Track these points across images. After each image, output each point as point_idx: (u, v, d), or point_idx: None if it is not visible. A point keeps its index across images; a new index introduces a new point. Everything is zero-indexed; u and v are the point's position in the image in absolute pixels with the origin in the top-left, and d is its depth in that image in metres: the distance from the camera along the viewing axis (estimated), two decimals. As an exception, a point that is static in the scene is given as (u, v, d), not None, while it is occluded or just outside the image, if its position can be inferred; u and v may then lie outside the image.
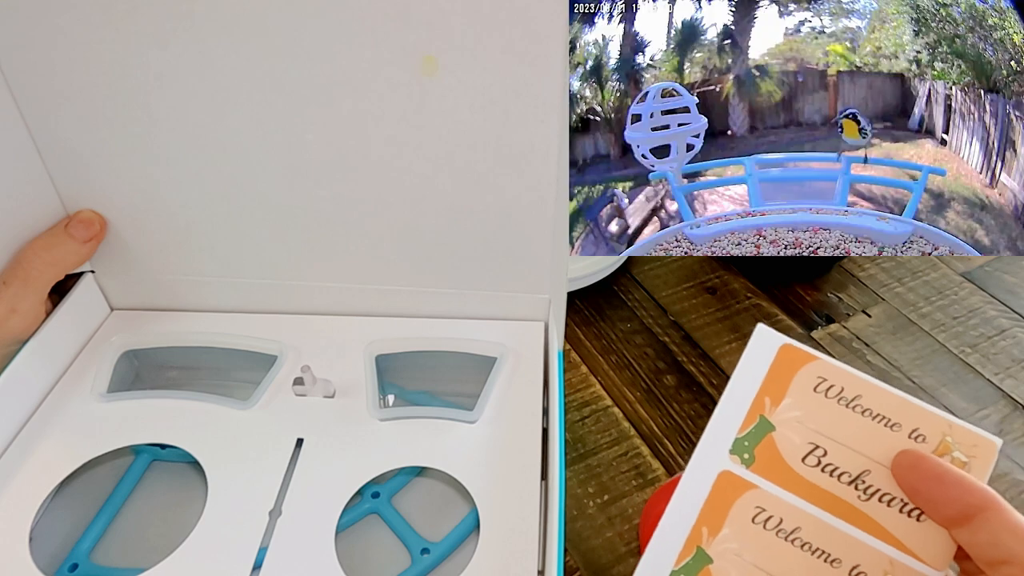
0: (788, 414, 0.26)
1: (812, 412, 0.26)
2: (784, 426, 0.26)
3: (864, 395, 0.26)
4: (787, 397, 0.27)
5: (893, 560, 0.25)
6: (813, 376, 0.27)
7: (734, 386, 0.27)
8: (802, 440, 0.26)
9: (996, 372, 0.52)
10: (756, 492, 0.26)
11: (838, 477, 0.25)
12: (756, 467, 0.26)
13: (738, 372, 0.27)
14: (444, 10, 0.30)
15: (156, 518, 0.34)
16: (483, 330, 0.40)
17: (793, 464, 0.26)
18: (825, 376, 0.27)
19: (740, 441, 0.26)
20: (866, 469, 0.25)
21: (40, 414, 0.35)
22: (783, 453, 0.26)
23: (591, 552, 0.41)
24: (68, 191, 0.37)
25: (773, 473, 0.26)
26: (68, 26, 0.31)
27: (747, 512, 0.25)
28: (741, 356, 0.27)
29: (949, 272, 0.61)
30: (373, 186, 0.36)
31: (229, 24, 0.31)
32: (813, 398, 0.26)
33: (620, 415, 0.49)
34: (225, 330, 0.40)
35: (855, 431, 0.26)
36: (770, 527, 0.25)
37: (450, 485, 0.35)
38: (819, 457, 0.26)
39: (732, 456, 0.26)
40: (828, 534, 0.25)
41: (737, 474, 0.26)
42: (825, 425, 0.26)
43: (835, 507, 0.25)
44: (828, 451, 0.26)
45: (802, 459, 0.26)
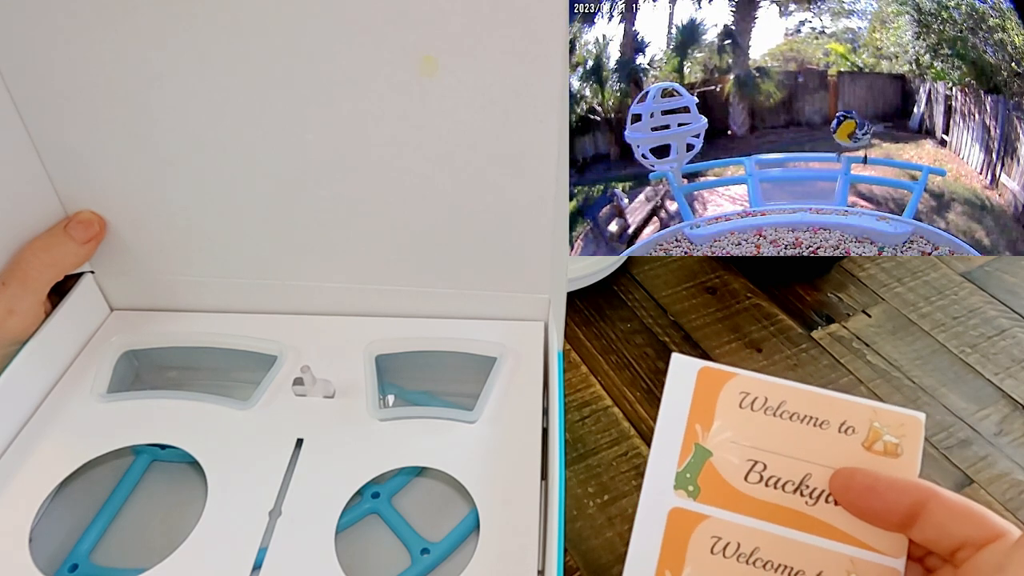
0: (721, 436, 0.27)
1: (743, 429, 0.26)
2: (720, 449, 0.26)
3: (788, 400, 0.26)
4: (716, 420, 0.27)
5: (853, 558, 0.25)
6: (736, 392, 0.27)
7: (664, 420, 0.27)
8: (740, 459, 0.26)
9: (996, 372, 0.52)
10: (709, 522, 0.26)
11: (782, 488, 0.26)
12: (703, 497, 0.26)
13: (664, 405, 0.27)
14: (444, 10, 0.30)
15: (156, 518, 0.34)
16: (483, 330, 0.40)
17: (737, 485, 0.26)
18: (747, 390, 0.27)
19: (682, 474, 0.26)
20: (807, 473, 0.26)
21: (40, 415, 0.35)
22: (725, 476, 0.26)
23: (591, 552, 0.41)
24: (67, 191, 0.37)
25: (720, 499, 0.26)
26: (67, 26, 0.31)
27: (704, 544, 0.25)
28: (663, 391, 0.27)
29: (949, 272, 0.61)
30: (373, 186, 0.36)
31: (229, 24, 0.31)
32: (740, 414, 0.27)
33: (620, 415, 0.49)
34: (225, 330, 0.40)
35: (788, 438, 0.26)
36: (729, 554, 0.25)
37: (450, 485, 0.35)
38: (760, 472, 0.26)
39: (677, 491, 0.26)
40: (786, 547, 0.25)
41: (686, 508, 0.26)
42: (758, 439, 0.26)
43: (786, 518, 0.25)
44: (767, 464, 0.26)
45: (744, 478, 0.26)
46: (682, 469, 0.26)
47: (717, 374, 0.27)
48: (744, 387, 0.27)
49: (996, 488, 0.45)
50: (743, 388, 0.27)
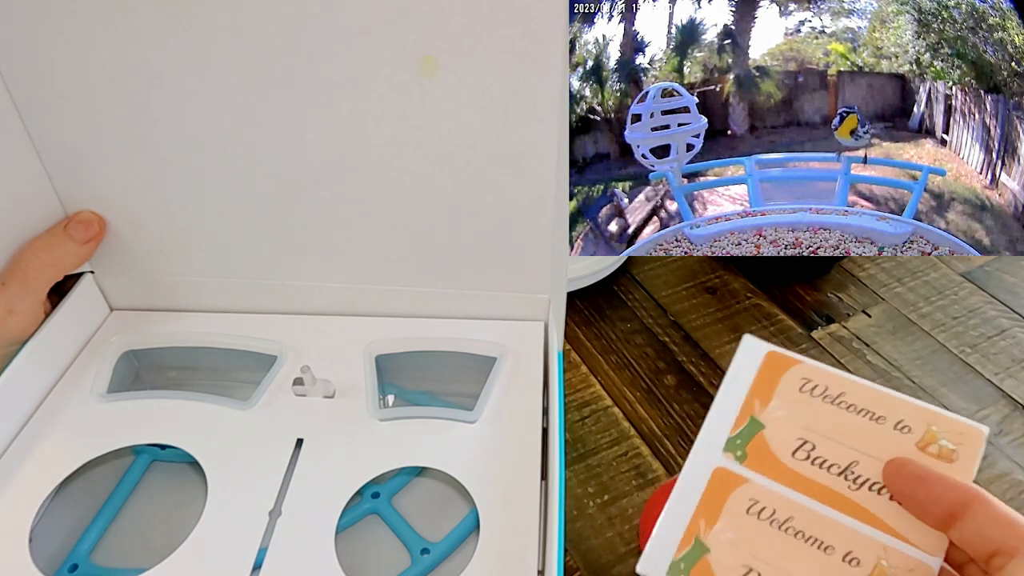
0: (776, 413, 0.28)
1: (799, 410, 0.28)
2: (773, 424, 0.27)
3: (848, 392, 0.27)
4: (775, 398, 0.28)
5: (886, 546, 0.25)
6: (798, 378, 0.28)
7: (724, 391, 0.29)
8: (791, 436, 0.27)
9: (996, 372, 0.52)
10: (749, 486, 0.27)
11: (827, 469, 0.26)
12: (749, 463, 0.27)
13: (727, 378, 0.29)
14: (444, 10, 0.30)
15: (156, 518, 0.34)
16: (483, 330, 0.40)
17: (783, 458, 0.27)
18: (809, 377, 0.28)
19: (732, 440, 0.28)
20: (854, 460, 0.26)
21: (40, 415, 0.35)
22: (773, 449, 0.27)
23: (591, 552, 0.41)
24: (67, 192, 0.37)
25: (765, 467, 0.27)
26: (67, 26, 0.31)
27: (741, 504, 0.26)
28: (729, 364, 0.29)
29: (949, 272, 0.61)
30: (373, 186, 0.36)
31: (229, 24, 0.31)
32: (799, 397, 0.28)
33: (620, 415, 0.49)
34: (225, 330, 0.40)
35: (841, 426, 0.27)
36: (764, 517, 0.26)
37: (450, 485, 0.35)
38: (808, 451, 0.27)
39: (726, 454, 0.27)
40: (820, 522, 0.26)
41: (731, 470, 0.27)
42: (812, 422, 0.27)
43: (826, 497, 0.26)
44: (816, 445, 0.27)
45: (792, 453, 0.27)
46: (734, 435, 0.28)
47: (783, 359, 0.28)
48: (807, 374, 0.28)
49: (996, 488, 0.45)
50: (806, 375, 0.28)
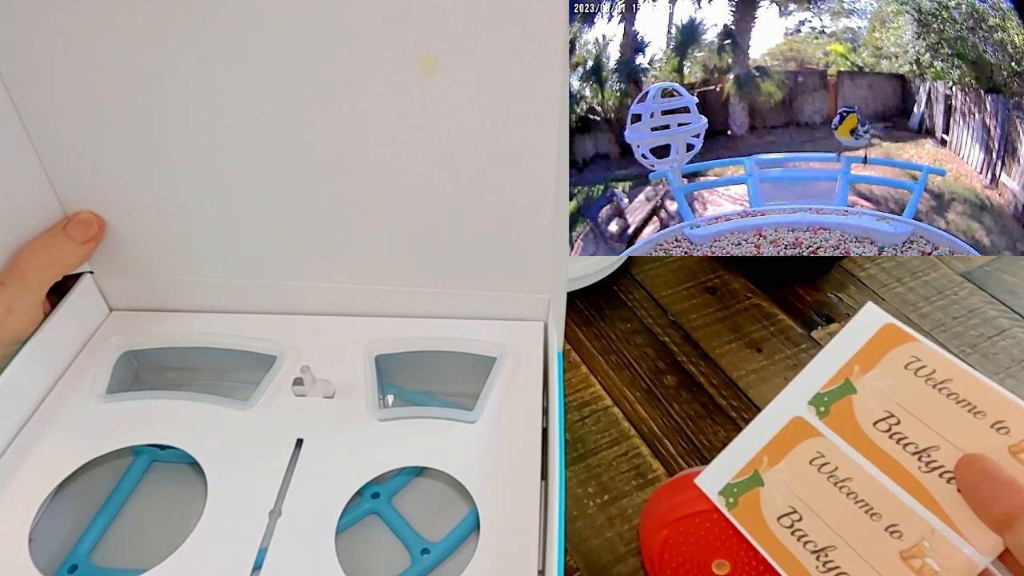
0: (873, 382, 0.28)
1: (897, 385, 0.27)
2: (866, 392, 0.28)
3: (955, 380, 0.27)
4: (876, 368, 0.28)
5: (935, 530, 0.25)
6: (908, 355, 0.28)
7: (828, 350, 0.29)
8: (878, 406, 0.27)
9: (996, 372, 0.52)
10: (820, 440, 0.28)
11: (904, 446, 0.26)
12: (828, 420, 0.28)
13: (836, 338, 0.29)
14: (444, 10, 0.30)
15: (156, 519, 0.34)
16: (483, 330, 0.40)
17: (864, 425, 0.27)
18: (919, 356, 0.28)
19: (820, 395, 0.28)
20: (934, 445, 0.26)
21: (39, 415, 0.35)
22: (857, 414, 0.28)
23: (591, 552, 0.41)
24: (66, 192, 0.37)
25: (842, 428, 0.27)
26: (66, 26, 0.31)
27: (807, 454, 0.27)
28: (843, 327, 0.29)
29: (949, 272, 0.61)
30: (373, 186, 0.36)
31: (229, 24, 0.31)
32: (902, 374, 0.28)
33: (620, 415, 0.49)
34: (224, 330, 0.40)
35: (935, 410, 0.27)
36: (824, 471, 0.27)
37: (450, 485, 0.35)
38: (891, 424, 0.27)
39: (809, 407, 0.28)
40: (877, 491, 0.26)
41: (808, 421, 0.28)
42: (906, 398, 0.27)
43: (892, 470, 0.26)
44: (901, 421, 0.27)
45: (874, 423, 0.27)
46: (823, 392, 0.28)
47: (900, 333, 0.28)
48: (919, 353, 0.28)
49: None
50: (917, 354, 0.28)
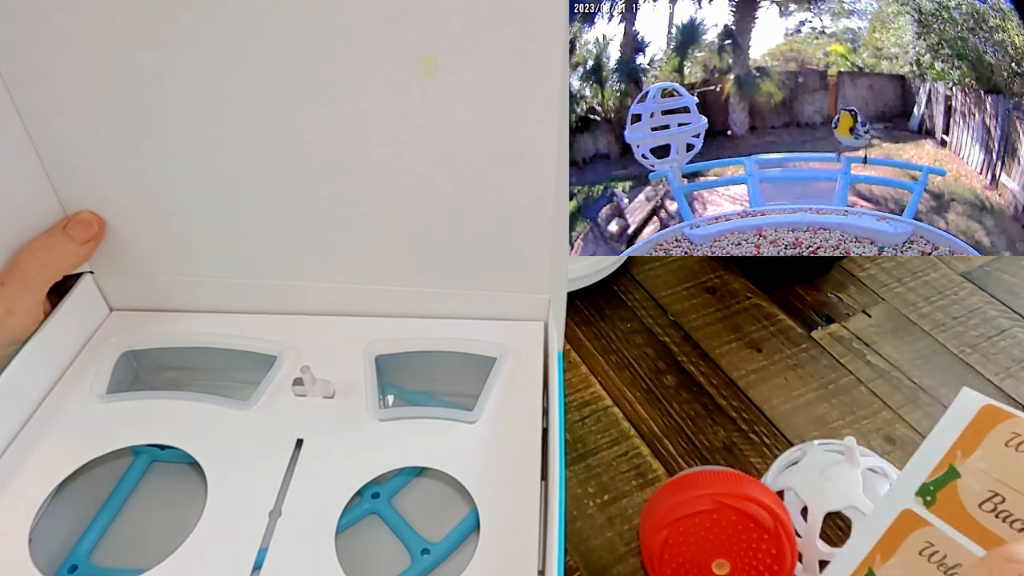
0: (976, 464, 0.28)
1: (999, 463, 0.28)
2: (969, 475, 0.28)
3: None
4: (978, 450, 0.28)
5: None
6: (1008, 432, 0.28)
7: (930, 440, 0.29)
8: (982, 488, 0.28)
9: (996, 372, 0.52)
10: (930, 529, 0.28)
11: (1011, 524, 0.27)
12: (935, 508, 0.28)
13: (939, 425, 0.30)
14: (444, 10, 0.30)
15: (156, 519, 0.34)
16: (483, 330, 0.40)
17: (970, 508, 0.28)
18: (1019, 432, 0.28)
19: (926, 486, 0.29)
20: None
21: (39, 415, 0.35)
22: (963, 498, 0.28)
23: (591, 552, 0.41)
24: (66, 192, 0.37)
25: (950, 515, 0.28)
26: (67, 26, 0.31)
27: (917, 545, 0.28)
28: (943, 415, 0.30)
29: (949, 272, 0.61)
30: (373, 186, 0.36)
31: (228, 24, 0.31)
32: (1003, 451, 0.28)
33: (620, 415, 0.49)
34: (224, 331, 0.40)
35: None
36: (934, 560, 0.27)
37: (450, 485, 0.35)
38: (996, 503, 0.27)
39: (916, 497, 0.29)
40: None
41: (917, 513, 0.28)
42: (1009, 476, 0.28)
43: None
44: (1007, 499, 0.27)
45: (979, 504, 0.28)
46: (929, 481, 0.29)
47: (998, 412, 0.29)
48: (1018, 428, 0.28)
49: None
50: (1017, 429, 0.28)
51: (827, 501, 0.37)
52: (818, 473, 0.38)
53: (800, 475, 0.39)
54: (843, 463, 0.38)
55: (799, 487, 0.38)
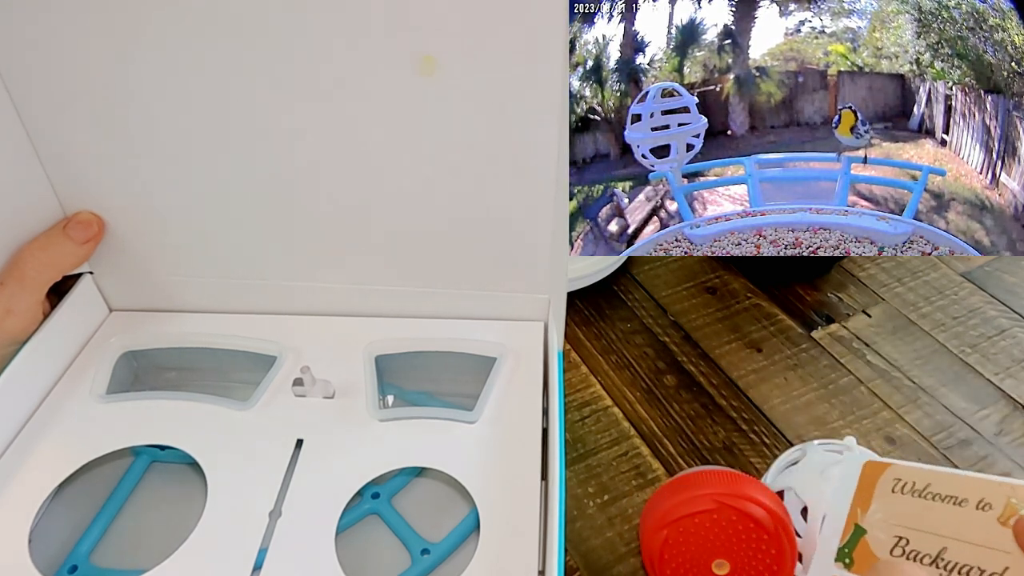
0: (875, 516, 0.31)
1: (892, 509, 0.31)
2: (873, 527, 0.31)
3: (932, 483, 0.30)
4: (873, 502, 0.31)
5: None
6: (891, 479, 0.31)
7: (833, 503, 0.32)
8: (888, 535, 0.30)
9: (996, 372, 0.52)
10: None
11: (920, 560, 0.29)
12: (855, 568, 0.30)
13: (834, 492, 0.33)
14: (444, 10, 0.30)
15: (156, 519, 0.34)
16: (482, 330, 0.40)
17: (883, 557, 0.30)
18: (900, 476, 0.31)
19: (842, 549, 0.31)
20: (943, 547, 0.29)
21: (39, 415, 0.35)
22: (874, 550, 0.30)
23: (591, 552, 0.41)
24: (66, 192, 0.37)
25: (867, 569, 0.30)
26: (66, 26, 0.31)
27: None
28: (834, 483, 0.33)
29: (949, 272, 0.61)
30: (372, 186, 0.36)
31: (228, 24, 0.31)
32: (892, 498, 0.31)
33: (620, 415, 0.49)
34: (224, 331, 0.40)
35: (929, 516, 0.30)
36: None
37: (450, 485, 0.35)
38: (903, 547, 0.30)
39: (836, 563, 0.31)
40: None
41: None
42: (904, 518, 0.30)
43: None
44: (910, 540, 0.30)
45: (890, 551, 0.30)
46: (842, 545, 0.31)
47: (878, 466, 0.32)
48: (898, 474, 0.31)
49: (996, 488, 0.45)
50: (897, 475, 0.31)
51: (827, 501, 0.37)
52: (818, 473, 0.38)
53: (800, 475, 0.39)
54: (843, 463, 0.38)
55: (799, 487, 0.38)
